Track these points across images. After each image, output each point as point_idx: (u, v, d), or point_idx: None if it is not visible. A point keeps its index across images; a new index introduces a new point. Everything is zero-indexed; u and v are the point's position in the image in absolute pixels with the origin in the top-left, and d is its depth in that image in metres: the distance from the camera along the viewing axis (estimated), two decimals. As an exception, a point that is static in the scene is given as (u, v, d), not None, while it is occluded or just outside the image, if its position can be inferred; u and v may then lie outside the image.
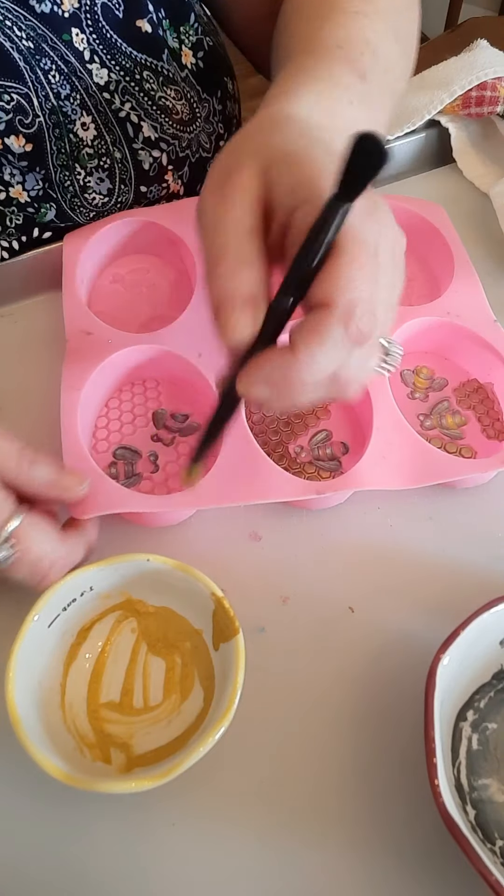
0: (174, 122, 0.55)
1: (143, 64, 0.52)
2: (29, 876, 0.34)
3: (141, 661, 0.39)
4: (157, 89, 0.53)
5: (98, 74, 0.50)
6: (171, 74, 0.54)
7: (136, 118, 0.53)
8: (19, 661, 0.35)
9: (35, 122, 0.49)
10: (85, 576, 0.37)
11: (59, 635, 0.38)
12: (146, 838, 0.35)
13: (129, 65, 0.51)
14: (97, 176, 0.53)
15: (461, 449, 0.47)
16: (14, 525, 0.35)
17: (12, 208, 0.52)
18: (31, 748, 0.32)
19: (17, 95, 0.47)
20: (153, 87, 0.53)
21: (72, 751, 0.35)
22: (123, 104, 0.52)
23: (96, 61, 0.50)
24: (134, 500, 0.41)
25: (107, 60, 0.51)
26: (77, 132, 0.51)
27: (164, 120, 0.54)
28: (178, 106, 0.55)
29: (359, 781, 0.37)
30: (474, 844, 0.30)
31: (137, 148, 0.54)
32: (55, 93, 0.49)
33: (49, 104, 0.49)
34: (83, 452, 0.41)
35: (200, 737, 0.33)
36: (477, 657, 0.37)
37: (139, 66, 0.52)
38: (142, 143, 0.54)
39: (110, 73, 0.51)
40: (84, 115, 0.51)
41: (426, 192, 0.61)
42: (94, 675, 0.38)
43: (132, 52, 0.51)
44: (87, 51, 0.50)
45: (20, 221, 0.53)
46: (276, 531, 0.44)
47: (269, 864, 0.35)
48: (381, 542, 0.44)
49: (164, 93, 0.53)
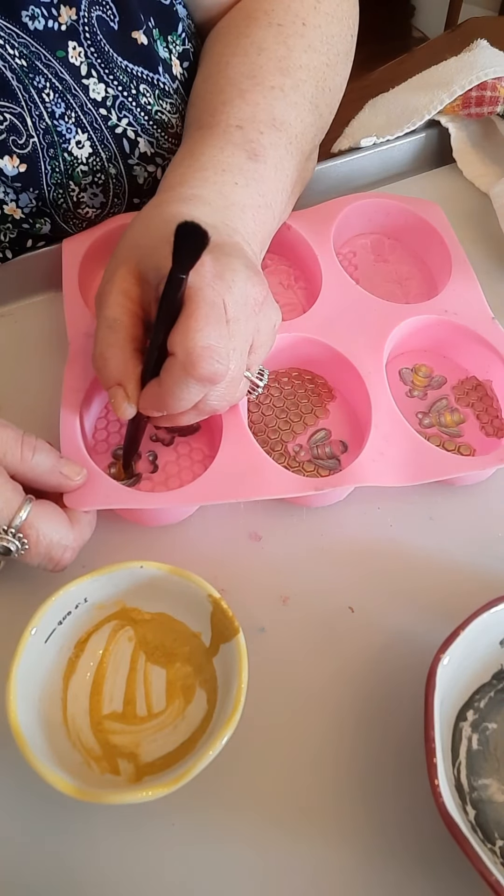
0: (169, 136, 0.55)
1: (139, 77, 0.52)
2: (29, 877, 0.34)
3: (141, 669, 0.38)
4: (154, 103, 0.53)
5: (95, 90, 0.50)
6: (166, 87, 0.53)
7: (132, 134, 0.52)
8: (19, 679, 0.34)
9: (29, 142, 0.48)
10: (79, 588, 0.37)
11: (57, 650, 0.37)
12: (146, 838, 0.35)
13: (126, 79, 0.51)
14: (91, 192, 0.53)
15: (460, 447, 0.47)
16: (24, 515, 0.36)
17: (7, 225, 0.51)
18: (39, 767, 0.32)
19: (9, 115, 0.47)
20: (150, 101, 0.52)
21: (79, 765, 0.35)
22: (120, 120, 0.51)
23: (93, 76, 0.50)
24: (133, 496, 0.41)
25: (104, 75, 0.50)
26: (72, 150, 0.50)
27: (160, 135, 0.54)
28: (174, 119, 0.55)
29: (359, 781, 0.37)
30: (474, 844, 0.30)
31: (133, 164, 0.54)
32: (49, 111, 0.48)
33: (43, 123, 0.48)
34: (82, 452, 0.41)
35: (209, 739, 0.33)
36: (477, 657, 0.37)
37: (136, 80, 0.51)
38: (137, 158, 0.54)
39: (107, 88, 0.50)
40: (79, 132, 0.50)
41: (426, 192, 0.61)
42: (95, 686, 0.38)
43: (128, 66, 0.51)
44: (85, 65, 0.49)
45: (14, 236, 0.53)
46: (276, 531, 0.44)
47: (268, 863, 0.34)
48: (381, 542, 0.44)
49: (160, 107, 0.53)
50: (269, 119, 0.47)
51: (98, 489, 0.40)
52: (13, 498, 0.36)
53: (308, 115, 0.50)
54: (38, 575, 0.41)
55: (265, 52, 0.49)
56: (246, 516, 0.44)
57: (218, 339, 0.36)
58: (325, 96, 0.52)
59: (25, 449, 0.38)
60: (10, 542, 0.36)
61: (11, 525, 0.36)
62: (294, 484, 0.42)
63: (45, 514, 0.37)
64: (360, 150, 0.62)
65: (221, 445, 0.43)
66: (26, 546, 0.37)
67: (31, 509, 0.37)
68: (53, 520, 0.38)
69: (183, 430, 0.47)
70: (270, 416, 0.48)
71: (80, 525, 0.39)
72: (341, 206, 0.55)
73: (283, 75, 0.49)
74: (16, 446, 0.37)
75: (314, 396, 0.49)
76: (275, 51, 0.49)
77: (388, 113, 0.64)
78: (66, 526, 0.38)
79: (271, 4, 0.52)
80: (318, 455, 0.46)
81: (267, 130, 0.47)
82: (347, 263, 0.56)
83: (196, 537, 0.44)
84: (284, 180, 0.48)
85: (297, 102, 0.49)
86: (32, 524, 0.37)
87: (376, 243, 0.58)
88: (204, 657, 0.38)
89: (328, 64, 0.52)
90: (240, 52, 0.50)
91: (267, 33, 0.50)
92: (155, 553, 0.43)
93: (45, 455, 0.38)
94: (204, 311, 0.35)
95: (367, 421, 0.45)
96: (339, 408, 0.49)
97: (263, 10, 0.52)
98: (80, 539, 0.39)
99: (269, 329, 0.41)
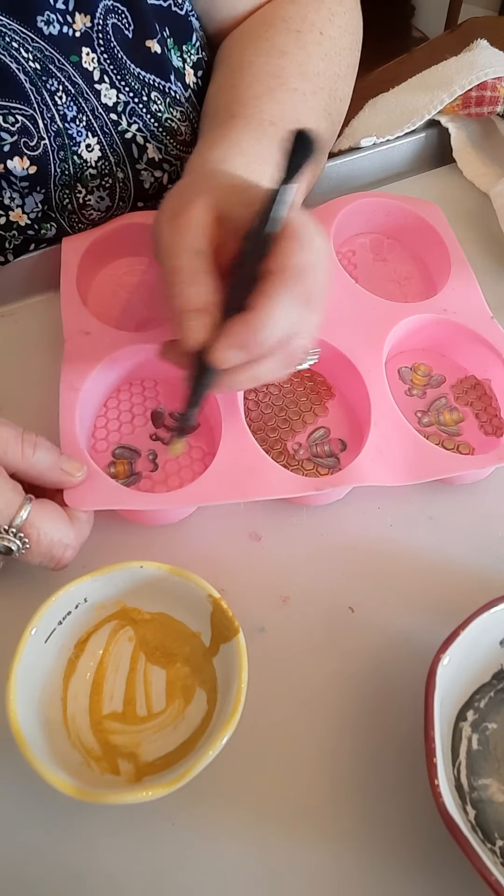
0: (178, 143, 0.55)
1: (151, 85, 0.52)
2: (29, 877, 0.34)
3: (141, 670, 0.38)
4: (164, 111, 0.53)
5: (106, 95, 0.50)
6: (177, 95, 0.54)
7: (141, 139, 0.53)
8: (19, 679, 0.34)
9: (40, 144, 0.48)
10: (79, 588, 0.37)
11: (57, 650, 0.37)
12: (146, 838, 0.35)
13: (138, 86, 0.51)
14: (97, 195, 0.53)
15: (459, 445, 0.47)
16: (24, 515, 0.36)
17: (13, 232, 0.52)
18: (39, 767, 0.32)
19: (21, 117, 0.47)
20: (160, 108, 0.53)
21: (79, 765, 0.34)
22: (130, 125, 0.52)
23: (105, 81, 0.50)
24: (133, 497, 0.41)
25: (116, 81, 0.50)
26: (81, 153, 0.51)
27: (168, 141, 0.54)
28: (183, 127, 0.55)
29: (359, 781, 0.36)
30: (474, 844, 0.30)
31: (140, 168, 0.54)
32: (61, 114, 0.49)
33: (55, 126, 0.49)
34: (82, 452, 0.41)
35: (209, 739, 0.33)
36: (477, 657, 0.37)
37: (147, 87, 0.52)
38: (145, 163, 0.54)
39: (119, 94, 0.51)
40: (89, 136, 0.51)
41: (426, 192, 0.61)
42: (95, 687, 0.38)
43: (141, 73, 0.51)
44: (97, 71, 0.50)
45: (19, 243, 0.53)
46: (276, 531, 0.44)
47: (268, 863, 0.34)
48: (381, 542, 0.44)
49: (170, 114, 0.53)
50: (295, 120, 0.48)
51: (98, 489, 0.40)
52: (13, 498, 0.36)
53: (323, 122, 0.52)
54: (38, 575, 0.41)
55: (287, 56, 0.51)
56: (246, 516, 0.44)
57: (315, 264, 0.35)
58: (336, 105, 0.54)
59: (26, 446, 0.38)
60: (12, 541, 0.36)
61: (12, 525, 0.36)
62: (294, 484, 0.42)
63: (45, 513, 0.37)
64: (360, 150, 0.62)
65: (221, 444, 0.43)
66: (27, 545, 0.37)
67: (31, 509, 0.37)
68: (54, 519, 0.38)
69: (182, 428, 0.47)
70: (269, 414, 0.48)
71: (80, 523, 0.39)
72: (341, 205, 0.55)
73: (303, 80, 0.50)
74: (16, 443, 0.37)
75: (313, 395, 0.49)
76: (295, 55, 0.51)
77: (388, 113, 0.64)
78: (66, 524, 0.38)
79: (289, 13, 0.53)
80: (317, 453, 0.46)
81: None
82: (347, 262, 0.56)
83: (196, 537, 0.44)
84: (302, 183, 0.48)
85: (314, 108, 0.50)
86: (33, 523, 0.37)
87: (376, 243, 0.58)
88: (204, 657, 0.38)
89: (339, 74, 0.53)
90: (262, 53, 0.51)
91: (287, 38, 0.52)
92: (155, 553, 0.42)
93: (46, 452, 0.38)
94: (306, 235, 0.35)
95: (366, 419, 0.45)
96: (338, 406, 0.49)
97: (281, 18, 0.53)
98: (80, 537, 0.39)
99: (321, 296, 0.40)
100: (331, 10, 0.54)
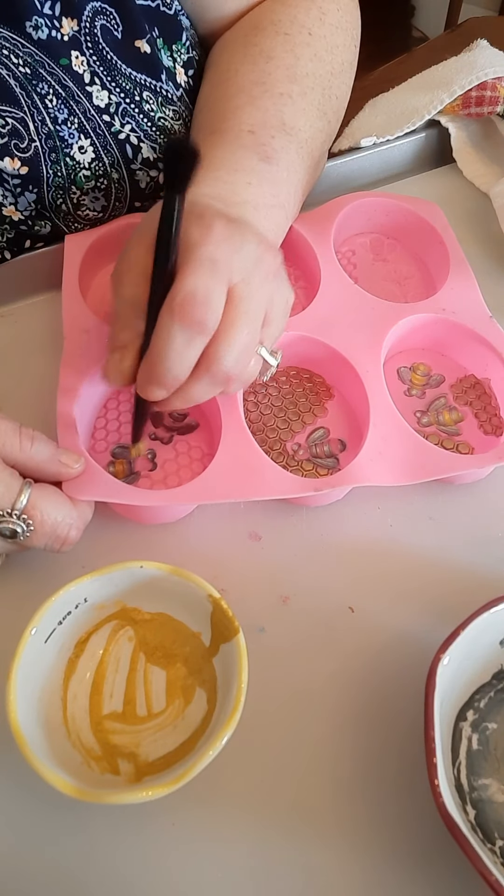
0: None
1: (143, 84, 0.52)
2: (28, 877, 0.34)
3: (141, 669, 0.38)
4: (157, 110, 0.53)
5: (98, 97, 0.50)
6: (169, 95, 0.54)
7: (135, 140, 0.53)
8: (19, 679, 0.34)
9: (31, 146, 0.48)
10: (78, 588, 0.37)
11: (57, 650, 0.37)
12: (146, 838, 0.35)
13: (129, 86, 0.51)
14: (92, 195, 0.53)
15: (458, 445, 0.47)
16: (25, 498, 0.37)
17: (5, 226, 0.52)
18: (39, 767, 0.32)
19: (12, 120, 0.47)
20: (153, 108, 0.53)
21: (79, 765, 0.34)
22: (123, 126, 0.52)
23: (96, 83, 0.50)
24: (132, 492, 0.41)
25: (107, 82, 0.50)
26: (74, 155, 0.51)
27: (162, 141, 0.54)
28: (177, 126, 0.55)
29: (358, 781, 0.36)
30: (474, 844, 0.30)
31: (136, 168, 0.54)
32: (52, 117, 0.49)
33: (45, 128, 0.49)
34: (82, 451, 0.41)
35: (209, 739, 0.33)
36: (477, 657, 0.37)
37: (139, 87, 0.52)
38: (140, 163, 0.54)
39: (110, 95, 0.51)
40: (82, 138, 0.51)
41: (426, 192, 0.61)
42: (95, 686, 0.38)
43: (132, 73, 0.51)
44: (88, 73, 0.50)
45: (12, 236, 0.53)
46: (276, 531, 0.44)
47: (268, 864, 0.34)
48: (381, 542, 0.44)
49: (163, 113, 0.53)
50: (280, 123, 0.48)
51: (97, 482, 0.40)
52: (12, 483, 0.37)
53: (317, 121, 0.51)
54: (38, 575, 0.41)
55: (273, 61, 0.50)
56: (245, 516, 0.44)
57: (206, 287, 0.35)
58: (331, 103, 0.53)
59: (24, 439, 0.38)
60: (16, 524, 0.36)
61: (15, 508, 0.36)
62: (293, 484, 0.42)
63: (46, 495, 0.38)
64: (360, 149, 0.62)
65: (220, 444, 0.43)
66: (31, 527, 0.37)
67: (31, 492, 0.37)
68: (55, 500, 0.38)
69: (182, 428, 0.47)
70: (269, 415, 0.48)
71: (81, 504, 0.40)
72: (341, 205, 0.55)
73: (291, 82, 0.50)
74: (14, 436, 0.38)
75: (312, 395, 0.49)
76: (283, 59, 0.50)
77: (388, 113, 0.64)
78: (68, 504, 0.39)
79: (278, 15, 0.53)
80: (316, 454, 0.46)
81: (278, 134, 0.47)
82: (346, 262, 0.56)
83: (196, 537, 0.44)
84: (296, 183, 0.48)
85: (305, 108, 0.50)
86: (35, 505, 0.37)
87: (375, 243, 0.58)
88: (204, 657, 0.38)
89: (333, 73, 0.53)
90: (248, 60, 0.51)
91: (275, 42, 0.51)
92: (155, 553, 0.42)
93: (44, 444, 0.39)
94: (197, 263, 0.35)
95: (365, 419, 0.45)
96: (337, 406, 0.49)
97: (270, 21, 0.53)
98: (83, 517, 0.40)
99: (282, 304, 0.41)
100: (321, 8, 0.54)
